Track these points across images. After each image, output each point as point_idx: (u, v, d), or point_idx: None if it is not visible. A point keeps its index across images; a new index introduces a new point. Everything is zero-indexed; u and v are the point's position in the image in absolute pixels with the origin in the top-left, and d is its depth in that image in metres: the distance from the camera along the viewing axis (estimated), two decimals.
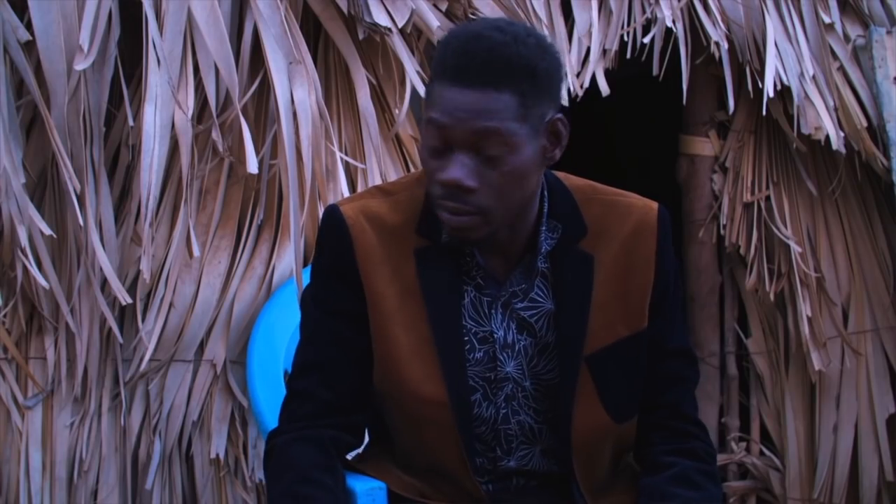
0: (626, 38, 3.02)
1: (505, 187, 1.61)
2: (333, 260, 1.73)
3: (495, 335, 1.72)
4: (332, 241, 1.73)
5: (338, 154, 2.75)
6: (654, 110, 3.85)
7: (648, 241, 1.74)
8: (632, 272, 1.73)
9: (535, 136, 1.62)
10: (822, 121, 3.04)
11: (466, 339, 1.72)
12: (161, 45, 2.62)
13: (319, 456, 1.70)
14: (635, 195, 1.80)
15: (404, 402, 1.72)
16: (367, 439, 1.91)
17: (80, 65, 2.55)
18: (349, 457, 1.84)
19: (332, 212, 1.74)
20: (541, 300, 1.74)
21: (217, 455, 2.72)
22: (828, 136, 3.04)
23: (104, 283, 2.64)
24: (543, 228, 1.71)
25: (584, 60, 2.98)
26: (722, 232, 3.23)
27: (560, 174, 1.79)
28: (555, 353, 1.74)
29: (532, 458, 1.79)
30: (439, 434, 1.72)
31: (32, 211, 2.60)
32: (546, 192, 1.73)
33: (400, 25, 2.78)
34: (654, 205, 1.77)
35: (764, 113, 3.06)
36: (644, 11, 3.05)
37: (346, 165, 2.79)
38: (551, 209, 1.72)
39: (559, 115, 1.65)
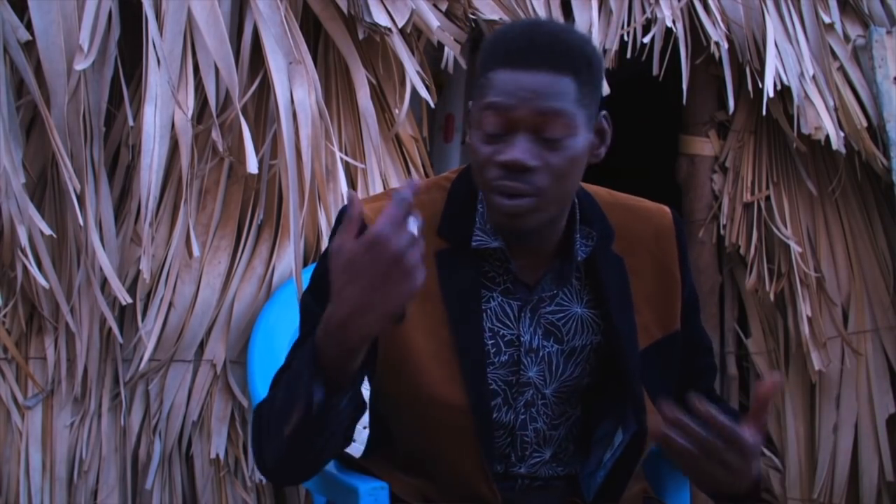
0: (626, 38, 3.02)
1: (561, 171, 1.59)
2: None
3: (522, 339, 1.71)
4: None
5: (338, 154, 2.74)
6: (654, 110, 3.84)
7: (670, 244, 1.77)
8: (659, 276, 1.76)
9: (589, 125, 1.62)
10: (822, 121, 3.04)
11: (492, 342, 1.70)
12: (161, 45, 2.62)
13: None
14: (646, 199, 1.83)
15: (421, 406, 1.69)
16: (365, 446, 1.89)
17: (80, 65, 2.55)
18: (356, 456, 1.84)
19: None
20: (567, 303, 1.73)
21: (217, 455, 2.72)
22: (828, 136, 3.04)
23: (104, 283, 2.63)
24: (577, 236, 1.71)
25: None
26: (722, 232, 3.23)
27: None
28: (582, 357, 1.74)
29: (541, 466, 1.78)
30: (457, 440, 1.69)
31: (32, 211, 2.60)
32: (576, 199, 1.72)
33: (400, 25, 2.78)
34: (667, 209, 1.81)
35: (764, 113, 3.06)
36: (644, 11, 3.05)
37: (346, 165, 2.79)
38: (583, 215, 1.72)
39: (604, 112, 1.67)
